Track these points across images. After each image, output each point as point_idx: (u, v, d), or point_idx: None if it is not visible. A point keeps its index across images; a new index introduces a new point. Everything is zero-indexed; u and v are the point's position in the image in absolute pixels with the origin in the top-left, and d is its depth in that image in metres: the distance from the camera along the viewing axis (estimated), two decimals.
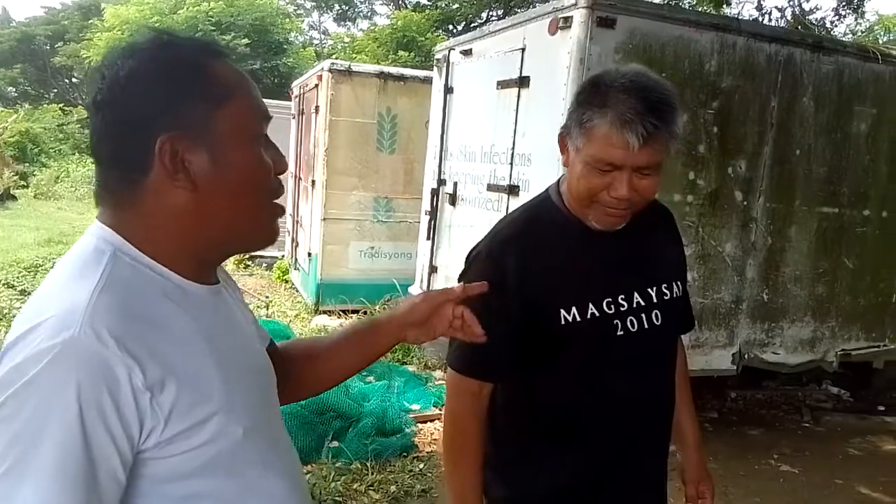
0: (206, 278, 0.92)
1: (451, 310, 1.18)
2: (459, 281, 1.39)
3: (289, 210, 8.88)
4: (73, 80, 32.62)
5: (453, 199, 5.09)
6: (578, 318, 1.38)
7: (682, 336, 1.67)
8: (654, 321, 1.44)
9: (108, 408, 0.74)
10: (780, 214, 4.30)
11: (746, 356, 4.32)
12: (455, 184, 5.08)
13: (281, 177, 0.94)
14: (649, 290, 1.45)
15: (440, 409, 4.52)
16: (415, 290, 5.73)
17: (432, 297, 1.20)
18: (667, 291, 1.48)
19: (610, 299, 1.41)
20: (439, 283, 5.24)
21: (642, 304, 1.44)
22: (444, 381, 5.10)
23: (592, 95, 1.32)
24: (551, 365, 1.43)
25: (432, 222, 5.36)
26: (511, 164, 4.27)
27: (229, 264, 9.54)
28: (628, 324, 1.41)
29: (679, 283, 1.52)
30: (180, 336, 0.83)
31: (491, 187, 4.53)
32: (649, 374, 1.47)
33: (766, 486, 3.92)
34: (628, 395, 1.44)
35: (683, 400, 1.65)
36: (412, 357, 5.60)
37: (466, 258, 1.51)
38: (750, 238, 4.22)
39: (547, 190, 1.53)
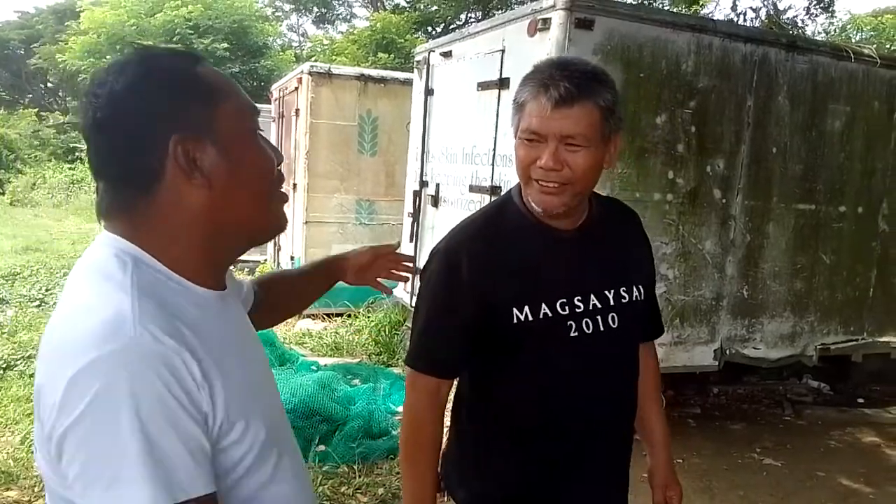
0: (218, 284, 0.96)
1: (388, 260, 1.54)
2: (421, 277, 1.51)
3: None
4: (49, 84, 32.23)
5: (435, 201, 5.10)
6: (531, 318, 1.38)
7: (665, 333, 1.69)
8: (611, 324, 1.44)
9: (180, 396, 0.77)
10: (758, 212, 4.36)
11: (728, 352, 4.38)
12: (437, 185, 5.09)
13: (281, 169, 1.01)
14: (606, 292, 1.45)
15: None
16: (399, 292, 5.73)
17: (376, 248, 1.55)
18: (625, 295, 1.47)
19: (564, 300, 1.40)
20: None
21: (598, 306, 1.43)
22: None
23: (526, 75, 1.38)
24: (507, 364, 1.45)
25: (415, 224, 5.37)
26: (492, 164, 4.29)
27: None
28: (583, 325, 1.41)
29: (640, 286, 1.51)
30: (209, 339, 0.86)
31: (473, 188, 4.55)
32: (605, 376, 1.46)
33: (749, 480, 3.97)
34: (582, 396, 1.44)
35: (652, 403, 1.67)
36: (397, 359, 5.60)
37: (431, 252, 1.52)
38: (729, 235, 4.27)
39: (509, 191, 1.53)
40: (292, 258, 7.24)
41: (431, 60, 5.20)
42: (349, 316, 6.62)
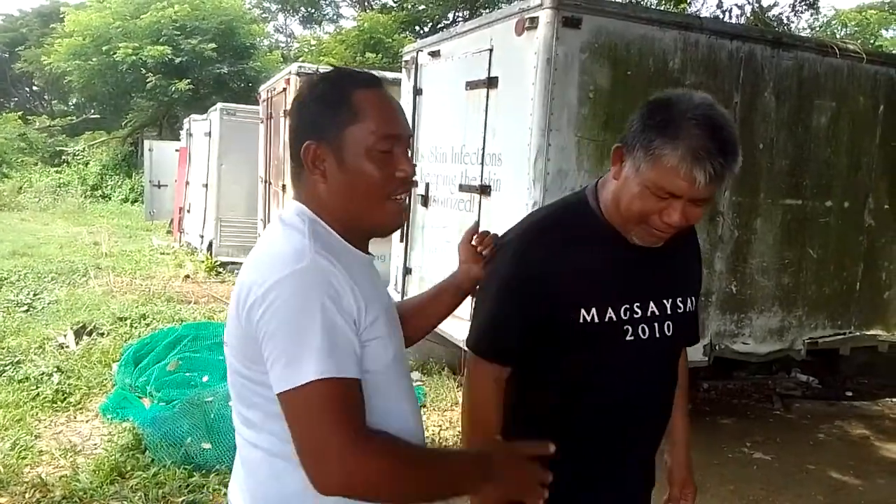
0: (362, 248, 1.24)
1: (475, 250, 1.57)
2: (485, 267, 1.54)
3: (259, 215, 8.81)
4: (34, 87, 31.99)
5: (425, 201, 5.10)
6: (597, 320, 1.41)
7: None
8: (666, 332, 1.48)
9: (341, 302, 1.08)
10: (746, 207, 4.39)
11: (717, 347, 4.41)
12: (427, 185, 5.09)
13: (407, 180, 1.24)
14: (665, 301, 1.48)
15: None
16: (390, 291, 5.73)
17: (463, 249, 1.58)
18: (681, 305, 1.51)
19: (626, 305, 1.44)
20: (414, 284, 5.25)
21: (657, 313, 1.47)
22: (421, 383, 5.13)
23: (664, 123, 1.30)
24: (560, 359, 1.48)
25: (405, 224, 5.36)
26: (482, 164, 4.30)
27: (201, 271, 9.46)
28: (639, 331, 1.45)
29: (693, 298, 1.56)
30: (356, 276, 1.14)
31: (463, 187, 4.55)
32: (650, 381, 1.50)
33: (739, 474, 4.00)
34: (625, 399, 1.47)
35: (680, 403, 1.68)
36: None
37: (496, 243, 1.55)
38: (717, 231, 4.30)
39: (584, 190, 1.55)
40: None
41: (420, 60, 5.20)
42: None
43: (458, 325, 4.56)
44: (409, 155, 1.26)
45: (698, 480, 1.76)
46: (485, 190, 4.28)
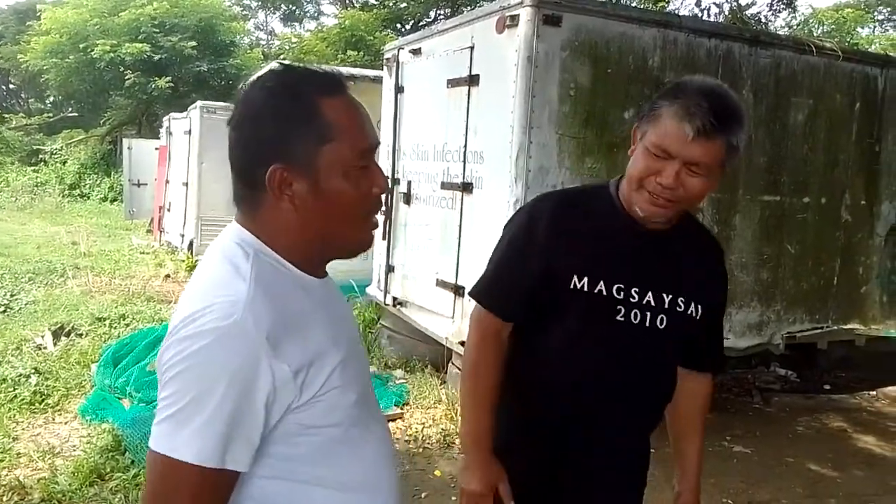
0: (318, 272, 1.11)
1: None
2: (506, 226, 1.60)
3: None
4: (11, 86, 31.52)
5: (408, 198, 5.10)
6: (586, 289, 1.48)
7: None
8: (658, 324, 1.50)
9: (253, 383, 0.93)
10: (725, 204, 4.43)
11: None
12: (409, 182, 5.09)
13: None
14: (664, 294, 1.51)
15: (402, 409, 4.53)
16: (372, 290, 5.73)
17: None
18: (682, 304, 1.52)
19: (621, 286, 1.48)
20: (396, 282, 5.24)
21: (652, 304, 1.50)
22: (404, 381, 5.12)
23: (671, 90, 1.41)
24: (552, 325, 1.54)
25: (387, 222, 5.36)
26: (464, 161, 4.31)
27: (182, 270, 9.37)
28: (631, 315, 1.49)
29: (699, 306, 1.54)
30: (308, 319, 1.03)
31: (445, 185, 4.55)
32: (632, 367, 1.52)
33: (720, 467, 4.04)
34: (606, 376, 1.51)
35: (693, 433, 1.69)
36: (372, 357, 5.59)
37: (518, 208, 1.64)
38: None
39: (609, 181, 1.60)
40: None
41: (401, 58, 5.20)
42: None
43: (440, 322, 4.59)
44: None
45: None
46: (467, 187, 4.28)
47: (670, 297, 1.51)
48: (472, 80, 4.20)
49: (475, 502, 1.55)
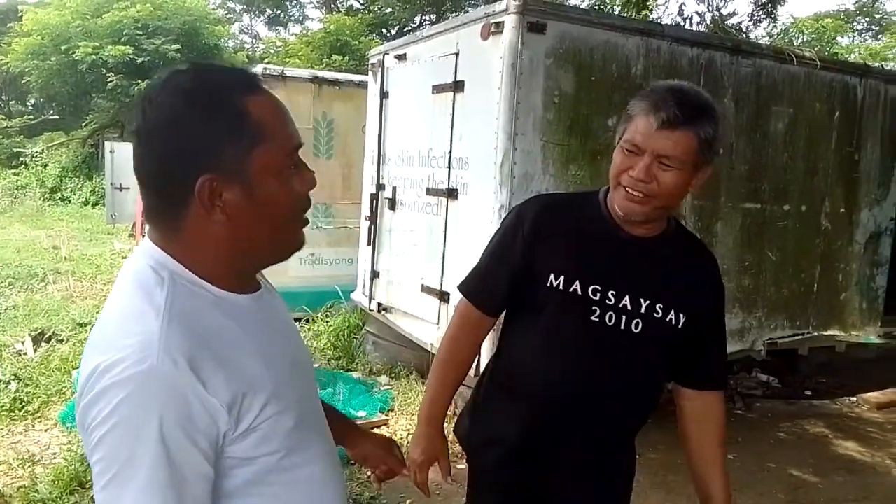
0: (248, 287, 1.05)
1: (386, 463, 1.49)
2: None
3: None
4: None
5: (393, 204, 5.09)
6: (561, 287, 1.53)
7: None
8: (633, 328, 1.53)
9: (187, 422, 0.87)
10: (707, 211, 4.47)
11: None
12: (394, 188, 5.08)
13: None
14: (641, 299, 1.53)
15: (386, 415, 4.51)
16: (357, 296, 5.71)
17: (392, 451, 1.51)
18: (660, 311, 1.53)
19: (598, 287, 1.53)
20: (381, 287, 5.23)
21: (629, 307, 1.53)
22: (389, 387, 5.10)
23: (643, 92, 1.49)
24: (530, 322, 1.61)
25: (372, 227, 5.35)
26: (449, 167, 4.31)
27: None
28: (606, 317, 1.53)
29: (682, 315, 1.54)
30: (235, 346, 0.96)
31: (430, 191, 4.56)
32: (608, 368, 1.55)
33: None
34: (579, 374, 1.55)
35: (714, 463, 1.66)
36: (357, 364, 5.57)
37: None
38: None
39: (601, 189, 1.65)
40: None
41: (386, 63, 5.20)
42: (307, 321, 6.55)
43: (425, 328, 4.58)
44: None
45: (661, 481, 1.80)
46: (452, 193, 4.29)
47: (648, 302, 1.53)
48: (458, 86, 4.21)
49: (415, 468, 1.68)
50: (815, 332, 5.10)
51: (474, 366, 1.86)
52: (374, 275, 5.32)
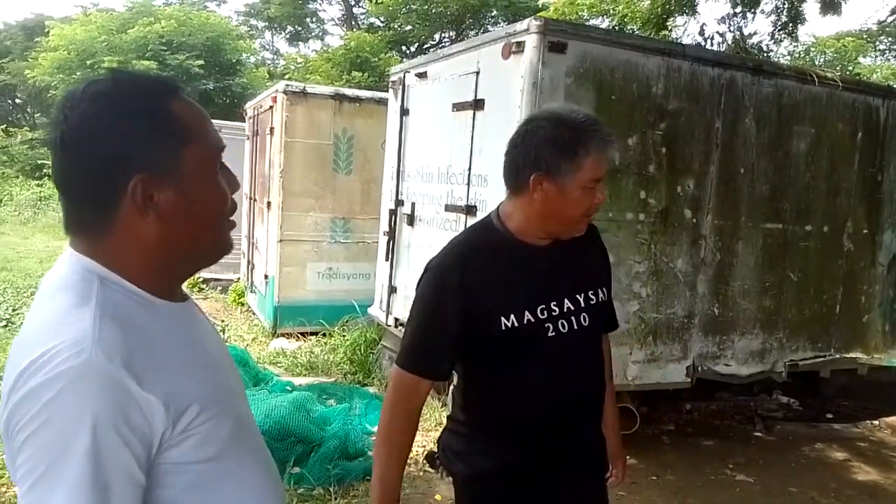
0: (176, 296, 1.03)
1: None
2: (417, 288, 1.66)
3: (244, 232, 8.77)
4: (17, 100, 31.73)
5: (411, 220, 5.11)
6: (517, 324, 1.59)
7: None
8: (583, 322, 1.66)
9: (121, 421, 0.84)
10: (728, 231, 4.45)
11: (700, 369, 4.44)
12: (413, 204, 5.11)
13: (235, 197, 1.06)
14: (577, 295, 1.67)
15: None
16: (374, 310, 5.73)
17: None
18: (593, 297, 1.69)
19: (543, 305, 1.62)
20: (399, 303, 5.24)
21: (572, 308, 1.65)
22: None
23: (573, 139, 1.54)
24: (496, 361, 1.65)
25: (391, 243, 5.37)
26: (468, 184, 4.33)
27: (183, 287, 9.36)
28: (559, 326, 1.63)
29: (604, 289, 1.74)
30: (170, 350, 0.94)
31: (448, 207, 4.57)
32: (577, 368, 1.67)
33: (722, 496, 4.01)
34: (556, 386, 1.64)
35: (608, 391, 1.85)
36: (373, 378, 5.57)
37: (425, 267, 1.71)
38: (700, 254, 4.35)
39: (489, 216, 1.73)
40: (266, 277, 7.19)
41: (407, 81, 5.25)
42: (324, 335, 6.58)
43: None
44: None
45: (681, 502, 1.81)
46: (471, 210, 4.30)
47: (582, 295, 1.67)
48: (478, 104, 4.24)
49: None
50: (836, 354, 5.03)
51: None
52: (392, 290, 5.33)
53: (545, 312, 1.61)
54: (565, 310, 1.64)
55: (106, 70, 1.02)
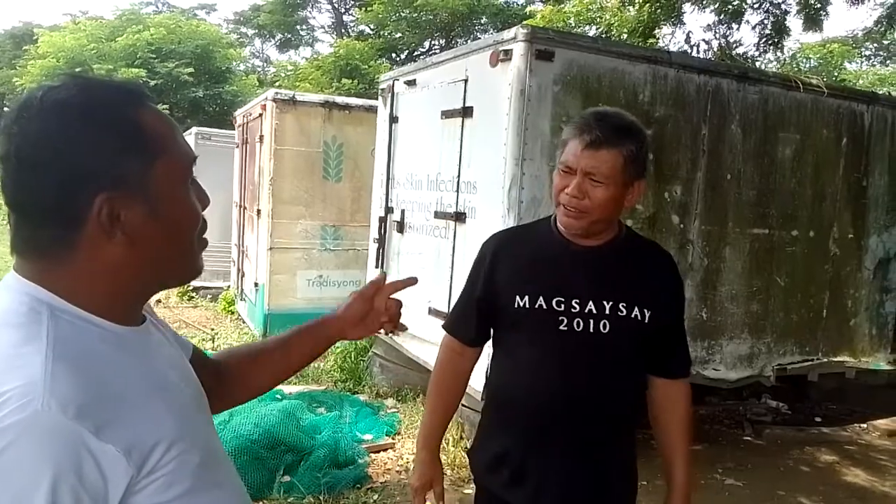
0: (136, 320, 0.93)
1: (382, 303, 1.34)
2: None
3: (234, 240, 8.76)
4: (5, 108, 31.56)
5: (401, 227, 5.12)
6: (528, 306, 1.65)
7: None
8: (601, 329, 1.63)
9: (75, 479, 0.73)
10: (715, 236, 4.48)
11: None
12: (402, 211, 5.12)
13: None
14: (604, 302, 1.64)
15: (393, 438, 4.50)
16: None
17: (364, 293, 1.34)
18: (623, 309, 1.64)
19: (561, 299, 1.64)
20: None
21: (594, 311, 1.63)
22: (395, 410, 5.10)
23: (574, 119, 1.66)
24: (507, 341, 1.75)
25: (380, 250, 5.38)
26: (457, 191, 4.34)
27: (173, 297, 9.33)
28: (574, 323, 1.63)
29: (646, 310, 1.65)
30: (129, 385, 0.84)
31: (438, 214, 4.59)
32: (584, 373, 1.64)
33: (712, 500, 4.03)
34: (559, 384, 1.64)
35: (676, 448, 1.79)
36: (363, 386, 5.57)
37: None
38: (687, 259, 4.38)
39: (552, 214, 1.79)
40: (256, 285, 7.17)
41: (396, 88, 5.26)
42: None
43: (432, 351, 4.57)
44: None
45: None
46: (460, 217, 4.31)
47: (611, 303, 1.64)
48: (466, 111, 4.26)
49: (413, 493, 1.83)
50: (824, 358, 5.07)
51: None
52: None
53: (561, 305, 1.63)
54: (586, 310, 1.63)
55: (64, 76, 0.86)
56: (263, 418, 3.99)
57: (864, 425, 5.52)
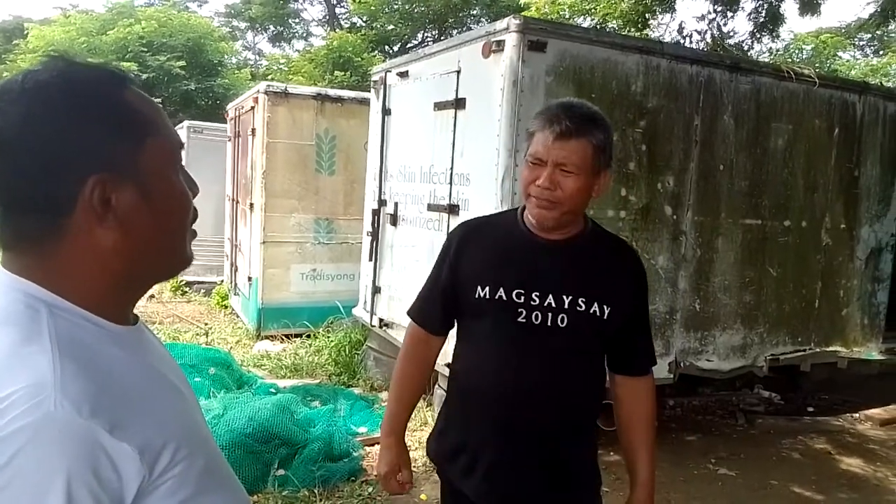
0: (129, 319, 0.91)
1: None
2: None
3: (226, 234, 8.73)
4: None
5: (394, 220, 5.11)
6: (487, 297, 1.67)
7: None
8: (559, 323, 1.64)
9: (93, 480, 0.71)
10: (708, 227, 4.49)
11: (682, 364, 4.47)
12: (396, 204, 5.11)
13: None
14: (564, 296, 1.65)
15: None
16: (359, 311, 5.72)
17: None
18: (582, 304, 1.64)
19: (521, 291, 1.65)
20: (383, 303, 5.24)
21: (553, 305, 1.64)
22: None
23: (541, 111, 1.68)
24: (468, 330, 1.78)
25: (374, 243, 5.37)
26: (450, 183, 4.33)
27: (166, 291, 9.31)
28: (532, 316, 1.64)
29: (607, 307, 1.64)
30: (134, 385, 0.82)
31: (431, 207, 4.58)
32: (538, 366, 1.65)
33: (705, 490, 4.05)
34: (513, 375, 1.65)
35: (640, 444, 1.75)
36: (358, 379, 5.57)
37: None
38: (680, 250, 4.39)
39: (518, 207, 1.81)
40: (249, 279, 7.15)
41: (388, 80, 5.24)
42: (308, 336, 6.56)
43: None
44: None
45: (664, 497, 1.80)
46: (453, 209, 4.31)
47: (570, 297, 1.64)
48: (459, 103, 4.24)
49: (381, 481, 1.84)
50: (816, 348, 5.09)
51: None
52: (376, 290, 5.33)
53: (521, 297, 1.64)
54: (545, 304, 1.63)
55: (45, 59, 0.83)
56: (258, 412, 3.98)
57: (857, 415, 5.56)
